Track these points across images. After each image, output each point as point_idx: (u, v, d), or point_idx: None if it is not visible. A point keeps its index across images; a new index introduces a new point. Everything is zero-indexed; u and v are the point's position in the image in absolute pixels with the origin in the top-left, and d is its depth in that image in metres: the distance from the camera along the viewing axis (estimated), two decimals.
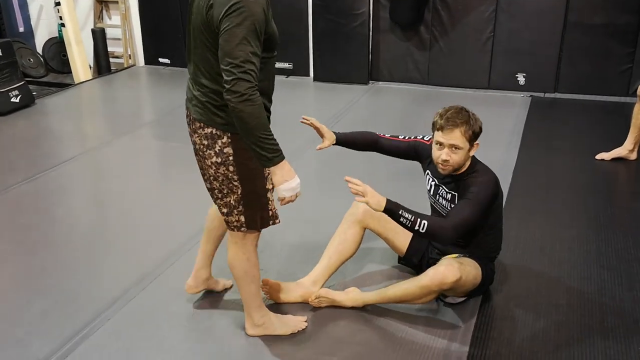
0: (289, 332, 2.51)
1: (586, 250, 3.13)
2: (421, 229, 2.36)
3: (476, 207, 2.44)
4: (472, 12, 5.90)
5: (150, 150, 4.97)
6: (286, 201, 2.14)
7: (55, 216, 3.72)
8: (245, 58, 1.92)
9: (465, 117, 2.47)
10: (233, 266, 2.38)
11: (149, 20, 7.12)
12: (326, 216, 3.40)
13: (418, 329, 2.54)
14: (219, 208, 2.30)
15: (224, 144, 2.13)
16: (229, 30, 1.93)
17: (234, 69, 1.92)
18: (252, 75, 1.94)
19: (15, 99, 5.60)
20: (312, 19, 6.33)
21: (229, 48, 1.93)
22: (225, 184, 2.20)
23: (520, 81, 5.96)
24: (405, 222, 2.37)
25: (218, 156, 2.15)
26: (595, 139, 4.64)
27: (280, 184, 2.08)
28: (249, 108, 1.94)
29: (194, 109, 2.18)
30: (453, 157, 2.48)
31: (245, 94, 1.93)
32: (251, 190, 2.20)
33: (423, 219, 2.37)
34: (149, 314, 2.68)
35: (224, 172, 2.18)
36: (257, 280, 2.43)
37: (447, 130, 2.46)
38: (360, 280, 2.88)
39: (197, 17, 2.06)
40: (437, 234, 2.40)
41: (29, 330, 2.59)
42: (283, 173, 2.07)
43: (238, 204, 2.22)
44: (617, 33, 5.53)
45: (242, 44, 1.92)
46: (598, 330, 2.51)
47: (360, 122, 5.27)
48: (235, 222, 2.27)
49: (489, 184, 2.51)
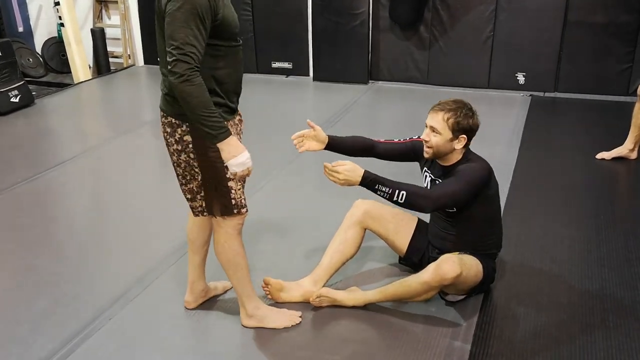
0: (282, 326, 2.53)
1: (587, 249, 3.13)
2: (400, 199, 2.38)
3: (461, 185, 2.45)
4: (472, 11, 5.90)
5: (150, 149, 4.97)
6: (239, 176, 2.20)
7: (55, 215, 3.72)
8: (184, 40, 2.00)
9: (454, 106, 2.51)
10: (217, 255, 2.45)
11: (148, 20, 7.11)
12: (326, 216, 3.40)
13: (420, 328, 2.54)
14: (184, 194, 2.42)
15: (183, 131, 2.22)
16: (170, 14, 2.01)
17: (174, 51, 2.00)
18: (192, 57, 2.01)
19: (15, 98, 5.60)
20: (312, 18, 6.33)
21: (170, 31, 2.02)
22: (187, 170, 2.31)
23: (520, 80, 5.97)
24: (383, 195, 2.39)
25: (178, 144, 2.25)
26: (595, 138, 4.65)
27: (229, 160, 2.15)
28: (188, 88, 2.01)
29: (160, 101, 2.29)
30: (432, 139, 2.52)
31: (184, 75, 2.00)
32: (211, 177, 2.28)
33: (402, 189, 2.38)
34: (150, 313, 2.68)
35: (185, 159, 2.27)
36: (243, 268, 2.46)
37: (433, 111, 2.54)
38: (360, 280, 2.88)
39: (156, 8, 2.15)
40: (416, 203, 2.40)
41: (30, 329, 2.58)
42: (230, 149, 2.13)
43: (200, 189, 2.33)
44: (617, 32, 5.54)
45: (182, 27, 2.00)
46: (599, 329, 2.51)
47: (360, 122, 5.28)
48: (199, 207, 2.39)
49: (479, 168, 2.52)
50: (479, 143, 2.57)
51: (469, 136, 2.54)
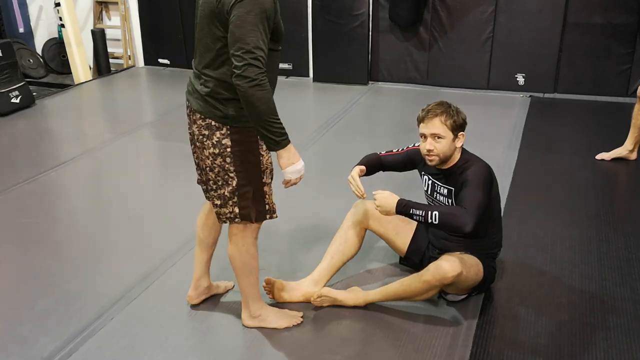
0: (284, 326, 2.54)
1: (587, 249, 3.14)
2: (434, 220, 2.41)
3: (480, 191, 2.47)
4: (472, 12, 5.91)
5: (150, 150, 4.98)
6: (291, 183, 2.22)
7: (56, 216, 3.73)
8: (256, 44, 1.98)
9: (443, 107, 2.54)
10: (232, 258, 2.42)
11: (148, 21, 7.13)
12: (326, 216, 3.41)
13: (420, 328, 2.55)
14: (212, 200, 2.35)
15: (222, 135, 2.18)
16: (240, 17, 1.99)
17: (245, 55, 1.98)
18: (262, 62, 2.00)
19: (16, 99, 5.61)
20: (312, 19, 6.34)
21: (240, 34, 1.99)
22: (220, 175, 2.25)
23: (519, 81, 5.97)
24: (419, 219, 2.45)
25: (215, 147, 2.20)
26: (595, 139, 4.66)
27: (287, 167, 2.16)
28: (258, 93, 1.99)
29: (195, 101, 2.23)
30: (437, 146, 2.53)
31: (256, 79, 1.98)
32: (247, 182, 2.25)
33: (434, 210, 2.43)
34: (152, 313, 2.69)
35: (220, 163, 2.23)
36: (256, 271, 2.47)
37: (427, 120, 2.54)
38: (361, 279, 2.89)
39: (206, 7, 2.11)
40: (455, 222, 2.40)
41: (32, 329, 2.59)
42: (289, 156, 2.14)
43: (233, 195, 2.27)
44: (617, 33, 5.54)
45: (254, 30, 1.98)
46: (600, 330, 2.52)
47: (360, 123, 5.28)
48: (229, 214, 2.31)
49: (484, 169, 2.54)
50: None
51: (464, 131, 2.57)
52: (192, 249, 3.18)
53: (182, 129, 5.19)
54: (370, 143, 4.51)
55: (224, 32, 2.05)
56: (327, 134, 4.85)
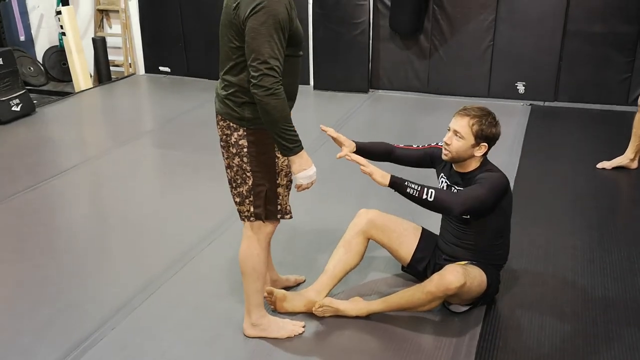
0: (286, 336, 2.53)
1: (590, 259, 3.13)
2: (429, 197, 2.39)
3: (486, 190, 2.46)
4: (472, 21, 5.93)
5: (151, 158, 4.98)
6: (302, 188, 2.29)
7: (57, 225, 3.72)
8: (270, 54, 2.07)
9: (480, 113, 2.53)
10: (243, 261, 2.45)
11: (149, 29, 7.14)
12: (329, 225, 3.40)
13: (423, 338, 2.54)
14: (233, 197, 2.43)
15: (240, 136, 2.27)
16: (255, 29, 2.07)
17: (260, 65, 2.07)
18: (277, 71, 2.09)
19: (16, 107, 5.60)
20: (313, 27, 6.35)
21: (256, 45, 2.07)
22: (239, 174, 2.34)
23: (520, 90, 5.98)
24: (412, 192, 2.41)
25: (234, 147, 2.30)
26: (596, 148, 4.66)
27: (299, 172, 2.25)
28: (274, 101, 2.09)
29: (218, 104, 2.34)
30: (454, 142, 2.53)
31: (271, 89, 2.08)
32: (262, 182, 2.33)
33: (430, 188, 2.41)
34: (153, 323, 2.68)
35: (238, 163, 2.32)
36: (263, 278, 2.50)
37: (458, 115, 2.55)
38: (364, 289, 2.88)
39: (225, 16, 2.20)
40: (445, 203, 2.41)
41: (33, 339, 2.58)
42: (302, 162, 2.23)
43: (249, 193, 2.35)
44: (617, 42, 5.56)
45: (268, 41, 2.07)
46: (603, 340, 2.51)
47: (361, 130, 5.28)
48: (247, 212, 2.39)
49: (499, 177, 2.54)
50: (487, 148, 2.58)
51: (490, 145, 2.57)
52: (194, 258, 3.19)
53: (183, 137, 5.22)
54: None
55: (240, 42, 2.14)
56: (328, 142, 4.83)
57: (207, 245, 3.33)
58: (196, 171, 4.42)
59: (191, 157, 4.72)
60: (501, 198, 2.54)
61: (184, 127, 5.46)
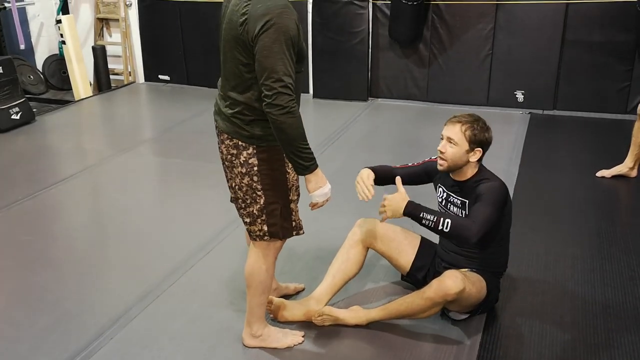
0: (285, 345, 2.52)
1: (590, 268, 3.12)
2: (445, 228, 2.39)
3: (491, 208, 2.46)
4: (471, 29, 5.95)
5: (150, 167, 4.97)
6: (317, 206, 2.26)
7: (55, 233, 3.71)
8: (284, 72, 2.02)
9: (471, 119, 2.55)
10: (250, 274, 2.41)
11: (149, 38, 7.16)
12: (329, 234, 3.39)
13: (423, 347, 2.52)
14: (242, 218, 2.37)
15: (249, 155, 2.21)
16: (266, 47, 2.01)
17: (274, 84, 2.01)
18: (291, 88, 2.04)
19: (16, 115, 5.61)
20: (312, 36, 6.37)
21: (269, 64, 2.01)
22: (248, 193, 2.27)
23: (519, 98, 5.99)
24: (428, 223, 2.41)
25: (243, 166, 2.23)
26: (595, 156, 4.66)
27: (314, 190, 2.21)
28: (290, 120, 2.04)
29: (222, 122, 2.27)
30: (448, 150, 2.54)
31: (287, 107, 2.03)
32: (274, 200, 2.27)
33: (446, 218, 2.41)
34: (152, 333, 2.66)
35: (248, 182, 2.25)
36: (268, 292, 2.48)
37: (450, 123, 2.56)
38: (363, 298, 2.87)
39: (230, 32, 2.12)
40: (462, 233, 2.40)
41: (32, 348, 2.57)
42: (317, 180, 2.19)
43: (261, 213, 2.29)
44: (615, 51, 5.57)
45: (282, 59, 2.01)
46: (604, 349, 2.50)
47: (360, 139, 5.28)
48: (258, 232, 2.33)
49: (498, 187, 2.54)
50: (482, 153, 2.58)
51: (484, 150, 2.57)
52: (193, 267, 3.18)
53: (182, 145, 5.23)
54: (370, 159, 4.49)
55: (248, 59, 2.08)
56: (327, 150, 4.85)
57: (206, 254, 3.32)
58: (195, 179, 4.42)
59: (190, 165, 4.72)
60: (503, 208, 2.54)
61: (184, 136, 5.46)
